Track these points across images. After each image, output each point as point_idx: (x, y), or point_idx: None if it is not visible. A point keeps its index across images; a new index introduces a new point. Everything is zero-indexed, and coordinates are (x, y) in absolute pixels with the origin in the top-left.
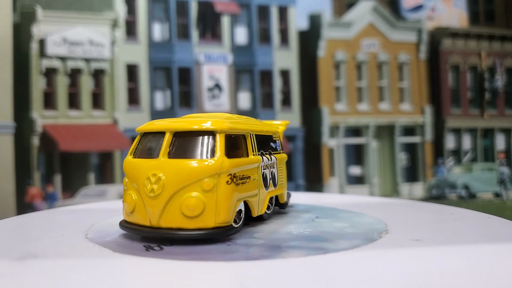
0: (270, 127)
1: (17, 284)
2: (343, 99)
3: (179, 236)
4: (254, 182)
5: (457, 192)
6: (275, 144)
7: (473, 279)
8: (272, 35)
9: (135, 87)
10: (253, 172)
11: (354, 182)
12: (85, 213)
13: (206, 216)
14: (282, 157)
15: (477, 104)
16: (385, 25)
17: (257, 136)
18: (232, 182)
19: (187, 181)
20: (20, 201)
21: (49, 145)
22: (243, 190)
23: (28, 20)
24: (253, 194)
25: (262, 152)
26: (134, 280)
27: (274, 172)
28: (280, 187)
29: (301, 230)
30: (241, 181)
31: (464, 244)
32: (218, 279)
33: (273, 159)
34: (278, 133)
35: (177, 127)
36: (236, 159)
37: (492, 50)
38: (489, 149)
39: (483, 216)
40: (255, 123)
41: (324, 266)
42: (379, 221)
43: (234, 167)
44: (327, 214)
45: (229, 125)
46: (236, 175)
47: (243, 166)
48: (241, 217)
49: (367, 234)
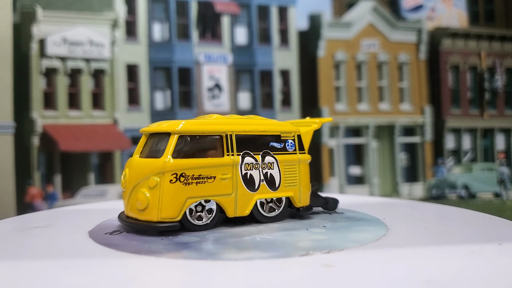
0: (274, 126)
1: (17, 284)
2: (343, 99)
3: (132, 225)
4: (226, 182)
5: (457, 192)
6: (280, 144)
7: (473, 280)
8: (272, 35)
9: (135, 87)
10: (223, 172)
11: (354, 182)
12: (85, 213)
13: (151, 211)
14: (291, 159)
15: (477, 104)
16: (385, 25)
17: (242, 137)
18: (177, 181)
19: (139, 179)
20: (20, 201)
21: (49, 145)
22: (200, 190)
23: (28, 20)
24: (222, 194)
25: (246, 152)
26: (134, 280)
27: (271, 173)
28: (286, 190)
29: (266, 235)
30: (195, 181)
31: (464, 244)
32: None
33: (268, 159)
34: (290, 132)
35: (150, 129)
36: (188, 159)
37: (492, 50)
38: (489, 149)
39: (483, 216)
40: (244, 122)
41: (215, 272)
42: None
43: (183, 167)
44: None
45: (186, 127)
46: (186, 174)
47: (199, 166)
48: (211, 216)
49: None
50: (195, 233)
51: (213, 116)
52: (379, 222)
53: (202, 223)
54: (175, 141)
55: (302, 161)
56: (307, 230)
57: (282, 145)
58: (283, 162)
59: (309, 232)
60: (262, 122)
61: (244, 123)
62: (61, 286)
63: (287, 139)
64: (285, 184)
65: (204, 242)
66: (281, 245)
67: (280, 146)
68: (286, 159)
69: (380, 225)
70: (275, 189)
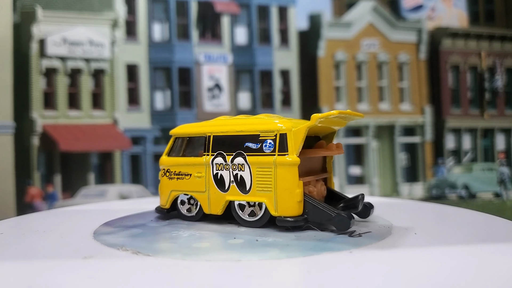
0: (253, 125)
1: (17, 285)
2: (343, 99)
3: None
4: (200, 180)
5: (457, 192)
6: (257, 144)
7: (473, 280)
8: (272, 35)
9: (135, 87)
10: (197, 170)
11: (354, 182)
12: (85, 214)
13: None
14: (265, 161)
15: (477, 104)
16: (385, 25)
17: (220, 137)
18: (164, 176)
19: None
20: (20, 201)
21: (49, 145)
22: (179, 185)
23: (28, 20)
24: (197, 191)
25: (219, 152)
26: (135, 280)
27: (241, 175)
28: (259, 195)
29: (233, 239)
30: (176, 176)
31: (464, 244)
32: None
33: (237, 161)
34: (272, 131)
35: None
36: (172, 158)
37: (492, 50)
38: (489, 149)
39: (484, 217)
40: (229, 123)
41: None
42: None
43: (168, 164)
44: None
45: (179, 129)
46: (170, 170)
47: (179, 164)
48: (197, 209)
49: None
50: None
51: (223, 117)
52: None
53: (190, 214)
54: (171, 141)
55: (279, 163)
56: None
57: (259, 146)
58: (256, 164)
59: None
60: (246, 122)
61: (227, 124)
62: (61, 286)
63: (266, 139)
64: (257, 188)
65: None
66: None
67: (256, 147)
68: (259, 161)
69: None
70: (246, 192)
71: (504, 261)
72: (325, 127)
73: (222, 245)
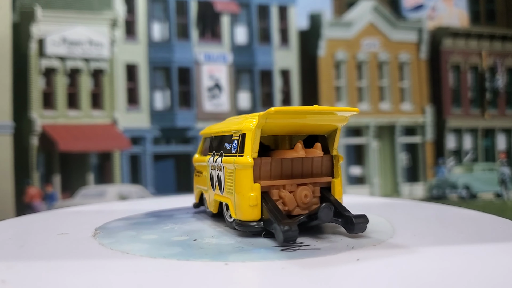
0: (232, 125)
1: (17, 286)
2: (343, 99)
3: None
4: (205, 179)
5: (457, 192)
6: (229, 145)
7: (473, 280)
8: (272, 35)
9: (134, 87)
10: (204, 169)
11: (354, 182)
12: (85, 214)
13: None
14: (229, 161)
15: (478, 104)
16: (386, 24)
17: (217, 138)
18: (195, 172)
19: None
20: (19, 201)
21: (49, 145)
22: (199, 181)
23: (27, 20)
24: (205, 189)
25: (213, 152)
26: (135, 281)
27: (219, 175)
28: (227, 196)
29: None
30: (198, 174)
31: (465, 245)
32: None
33: (217, 161)
34: (237, 131)
35: None
36: (197, 156)
37: (493, 50)
38: (490, 149)
39: (484, 217)
40: (223, 124)
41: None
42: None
43: (195, 162)
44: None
45: (205, 130)
46: (196, 168)
47: (198, 162)
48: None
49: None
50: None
51: (233, 117)
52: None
53: (208, 210)
54: (202, 140)
55: (237, 165)
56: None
57: (230, 146)
58: (225, 165)
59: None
60: (231, 122)
61: (223, 124)
62: (61, 287)
63: (234, 139)
64: (227, 189)
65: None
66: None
67: (229, 147)
68: (227, 161)
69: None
70: (222, 193)
71: (506, 262)
72: (325, 125)
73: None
